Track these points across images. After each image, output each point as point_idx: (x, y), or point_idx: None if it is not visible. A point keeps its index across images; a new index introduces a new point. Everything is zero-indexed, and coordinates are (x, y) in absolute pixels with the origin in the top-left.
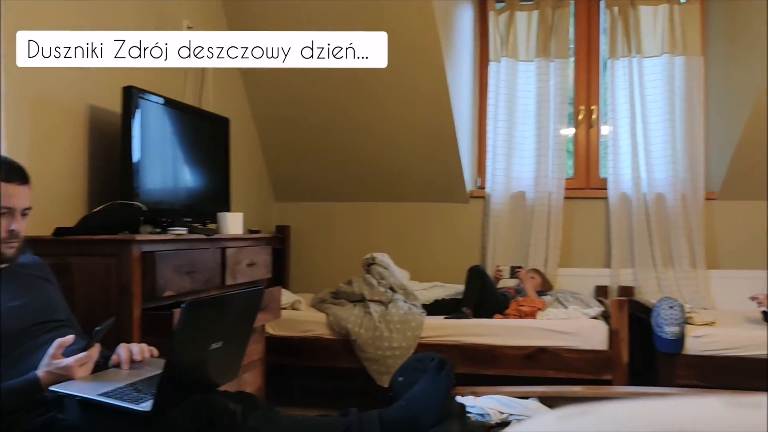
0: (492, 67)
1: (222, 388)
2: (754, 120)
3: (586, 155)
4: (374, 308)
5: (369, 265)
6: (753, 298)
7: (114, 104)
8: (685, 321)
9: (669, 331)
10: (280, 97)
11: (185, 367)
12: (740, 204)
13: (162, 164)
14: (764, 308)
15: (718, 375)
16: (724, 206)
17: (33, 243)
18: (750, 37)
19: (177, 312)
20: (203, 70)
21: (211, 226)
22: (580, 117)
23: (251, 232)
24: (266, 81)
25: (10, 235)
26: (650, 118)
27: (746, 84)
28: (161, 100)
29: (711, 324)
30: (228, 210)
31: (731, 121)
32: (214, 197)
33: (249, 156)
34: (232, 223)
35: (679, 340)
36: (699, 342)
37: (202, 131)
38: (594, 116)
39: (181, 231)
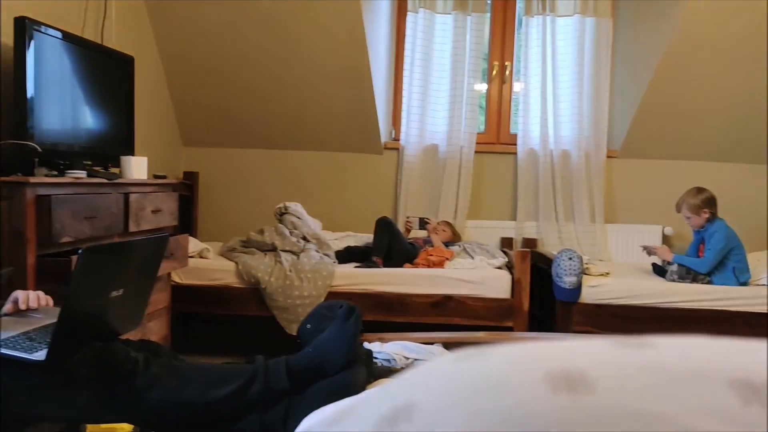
0: (410, 18)
1: (124, 337)
2: (656, 83)
3: (498, 111)
4: (285, 257)
5: (282, 214)
6: (644, 248)
7: (6, 36)
8: (583, 272)
9: (567, 281)
10: (189, 36)
11: (83, 315)
12: (638, 162)
13: (60, 103)
14: (654, 261)
15: (611, 322)
16: (623, 164)
17: None
18: (656, 3)
19: (75, 258)
20: (105, 3)
21: (114, 170)
22: (494, 73)
23: (157, 177)
24: (174, 19)
25: None
26: (560, 77)
27: (650, 48)
28: (59, 34)
29: (606, 275)
30: (132, 154)
31: (634, 84)
32: (117, 140)
33: (156, 98)
34: (136, 167)
35: (577, 289)
36: (594, 291)
37: (105, 70)
38: (507, 72)
39: (80, 174)
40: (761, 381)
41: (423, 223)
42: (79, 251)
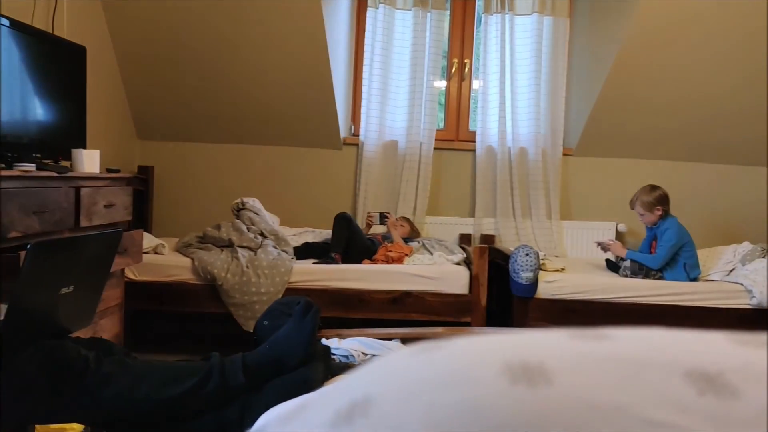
0: (370, 13)
1: (75, 335)
2: (611, 83)
3: (457, 108)
4: (242, 253)
5: (239, 209)
6: (599, 244)
7: None
8: (539, 267)
9: (524, 276)
10: (144, 27)
11: (31, 312)
12: (593, 160)
13: (7, 94)
14: (608, 257)
15: (567, 317)
16: (579, 162)
17: None
18: (612, 3)
19: (23, 254)
20: None
21: (65, 163)
22: (453, 70)
23: (110, 171)
24: (129, 8)
25: None
26: (518, 75)
27: (605, 48)
28: (6, 22)
29: (561, 270)
30: (84, 146)
31: (590, 83)
32: (68, 132)
33: (109, 89)
34: (88, 160)
35: (533, 284)
36: (550, 287)
37: (55, 60)
38: (466, 70)
39: (29, 167)
40: (716, 371)
41: (383, 218)
42: (28, 246)
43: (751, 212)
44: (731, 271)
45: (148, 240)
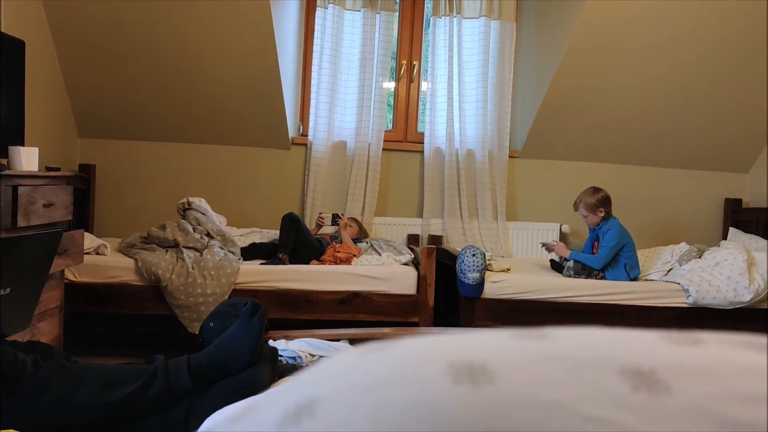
0: (319, 13)
1: (11, 338)
2: (556, 86)
3: (406, 109)
4: (188, 254)
5: (185, 209)
6: (543, 244)
7: None
8: (485, 267)
9: (471, 276)
10: (85, 21)
11: None
12: (538, 162)
13: None
14: (552, 257)
15: (512, 316)
16: (524, 164)
17: None
18: (558, 7)
19: None
20: None
21: (2, 160)
22: (402, 71)
23: (49, 169)
24: (69, 2)
25: None
26: (466, 78)
27: (551, 52)
28: None
29: (507, 270)
30: (22, 144)
31: (535, 86)
32: (6, 129)
33: (49, 86)
34: (26, 158)
35: (479, 284)
36: (496, 287)
37: None
38: (415, 72)
39: None
40: (649, 368)
41: (335, 219)
42: None
43: (689, 214)
44: (669, 270)
45: (90, 240)
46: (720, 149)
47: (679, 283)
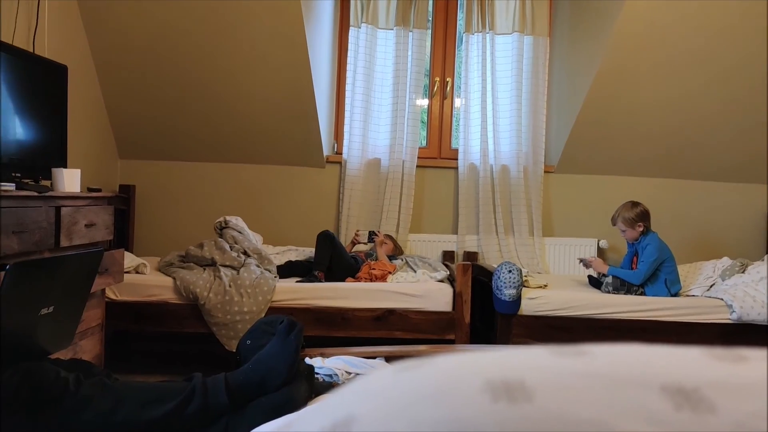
0: (352, 32)
1: (54, 356)
2: (591, 100)
3: (439, 126)
4: (225, 272)
5: (222, 228)
6: (581, 260)
7: None
8: (522, 284)
9: (507, 293)
10: (126, 46)
11: (10, 333)
12: (574, 177)
13: None
14: (590, 273)
15: (549, 333)
16: (560, 179)
17: None
18: (591, 22)
19: (2, 274)
20: (38, 11)
21: (45, 182)
22: (435, 88)
23: (91, 190)
24: (110, 28)
25: None
26: (499, 93)
27: (585, 67)
28: None
29: (544, 287)
30: (64, 166)
31: (570, 101)
32: (49, 152)
33: (90, 109)
34: (69, 179)
35: (516, 301)
36: (533, 303)
37: (36, 79)
38: (448, 88)
39: (9, 186)
40: (692, 386)
41: (372, 237)
42: (7, 267)
43: (730, 228)
44: (711, 286)
45: (130, 259)
46: (760, 160)
47: (722, 299)
